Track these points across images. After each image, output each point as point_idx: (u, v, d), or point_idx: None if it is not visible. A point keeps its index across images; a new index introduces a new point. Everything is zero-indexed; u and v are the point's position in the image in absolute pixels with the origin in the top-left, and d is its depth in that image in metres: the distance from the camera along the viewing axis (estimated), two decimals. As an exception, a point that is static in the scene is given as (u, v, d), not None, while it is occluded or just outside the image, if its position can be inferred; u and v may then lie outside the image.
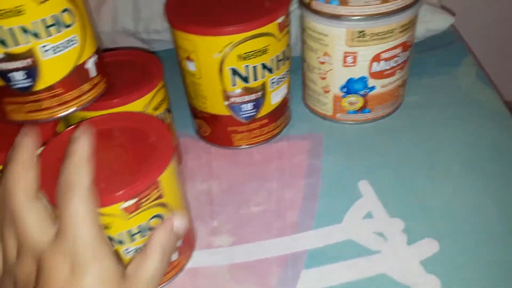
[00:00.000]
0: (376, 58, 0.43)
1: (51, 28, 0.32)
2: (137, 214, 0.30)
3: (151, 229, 0.32)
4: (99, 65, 0.36)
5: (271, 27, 0.41)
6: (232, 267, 0.36)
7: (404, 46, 0.44)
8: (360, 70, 0.44)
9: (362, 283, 0.34)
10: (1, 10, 0.29)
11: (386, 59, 0.44)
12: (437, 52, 0.59)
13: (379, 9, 0.40)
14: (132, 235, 0.31)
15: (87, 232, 0.25)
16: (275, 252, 0.37)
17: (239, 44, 0.40)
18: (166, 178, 0.31)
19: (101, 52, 0.37)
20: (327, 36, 0.43)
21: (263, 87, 0.44)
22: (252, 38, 0.40)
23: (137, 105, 0.38)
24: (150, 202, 0.31)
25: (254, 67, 0.42)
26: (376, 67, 0.44)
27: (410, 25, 0.44)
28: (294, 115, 0.51)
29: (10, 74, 0.32)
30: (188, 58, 0.44)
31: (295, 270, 0.35)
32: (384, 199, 0.40)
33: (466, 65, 0.56)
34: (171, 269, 0.35)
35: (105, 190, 0.28)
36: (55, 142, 0.33)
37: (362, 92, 0.46)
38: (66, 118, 0.36)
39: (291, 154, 0.46)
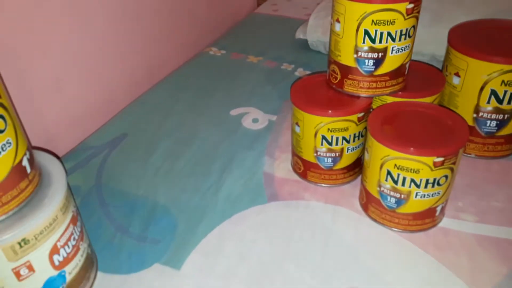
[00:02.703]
0: None
1: None
2: (439, 169, 0.43)
3: (439, 184, 0.44)
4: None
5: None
6: (477, 237, 0.47)
7: None
8: None
9: None
10: None
11: None
12: None
13: None
14: (431, 183, 0.44)
15: None
16: (518, 238, 0.46)
17: (507, 72, 0.51)
18: (460, 151, 0.44)
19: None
20: None
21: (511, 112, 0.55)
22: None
23: (429, 100, 0.52)
24: (448, 164, 0.43)
25: (512, 93, 0.53)
26: None
27: None
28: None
29: None
30: (456, 74, 0.57)
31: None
32: None
33: None
34: (431, 221, 0.48)
35: (424, 146, 0.43)
36: (378, 109, 0.49)
37: None
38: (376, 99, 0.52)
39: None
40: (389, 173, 0.46)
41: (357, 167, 0.57)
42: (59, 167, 0.41)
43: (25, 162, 0.36)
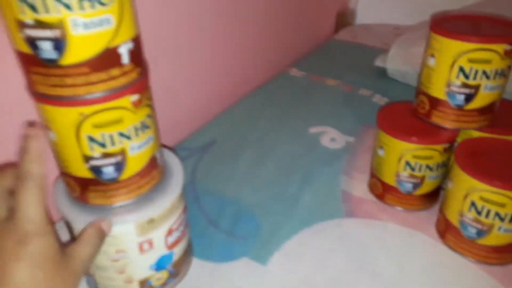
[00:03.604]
0: None
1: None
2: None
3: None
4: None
5: None
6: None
7: None
8: None
9: None
10: None
11: None
12: None
13: None
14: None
15: (34, 213, 0.33)
16: None
17: None
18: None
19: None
20: None
21: None
22: None
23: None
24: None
25: None
26: None
27: None
28: None
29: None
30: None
31: None
32: None
33: None
34: (511, 256, 0.48)
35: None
36: (466, 141, 0.51)
37: None
38: (466, 132, 0.54)
39: None
40: (473, 204, 0.47)
41: (436, 195, 0.58)
42: (177, 161, 0.48)
43: (157, 154, 0.43)
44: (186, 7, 0.71)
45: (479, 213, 0.47)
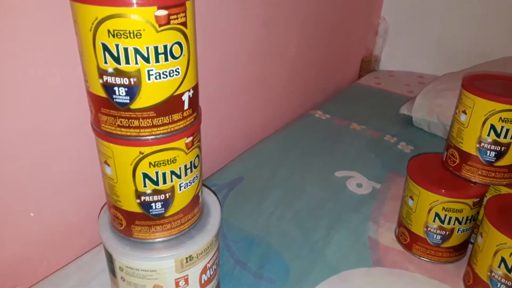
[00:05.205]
0: None
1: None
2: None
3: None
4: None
5: None
6: None
7: None
8: None
9: None
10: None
11: None
12: None
13: None
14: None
15: None
16: None
17: None
18: None
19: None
20: None
21: None
22: None
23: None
24: None
25: None
26: None
27: None
28: None
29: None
30: None
31: None
32: None
33: None
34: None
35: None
36: (496, 197, 0.55)
37: None
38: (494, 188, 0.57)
39: None
40: (503, 260, 0.49)
41: (463, 248, 0.60)
42: (215, 199, 0.51)
43: (200, 193, 0.47)
44: (222, 49, 0.77)
45: (509, 270, 0.49)
